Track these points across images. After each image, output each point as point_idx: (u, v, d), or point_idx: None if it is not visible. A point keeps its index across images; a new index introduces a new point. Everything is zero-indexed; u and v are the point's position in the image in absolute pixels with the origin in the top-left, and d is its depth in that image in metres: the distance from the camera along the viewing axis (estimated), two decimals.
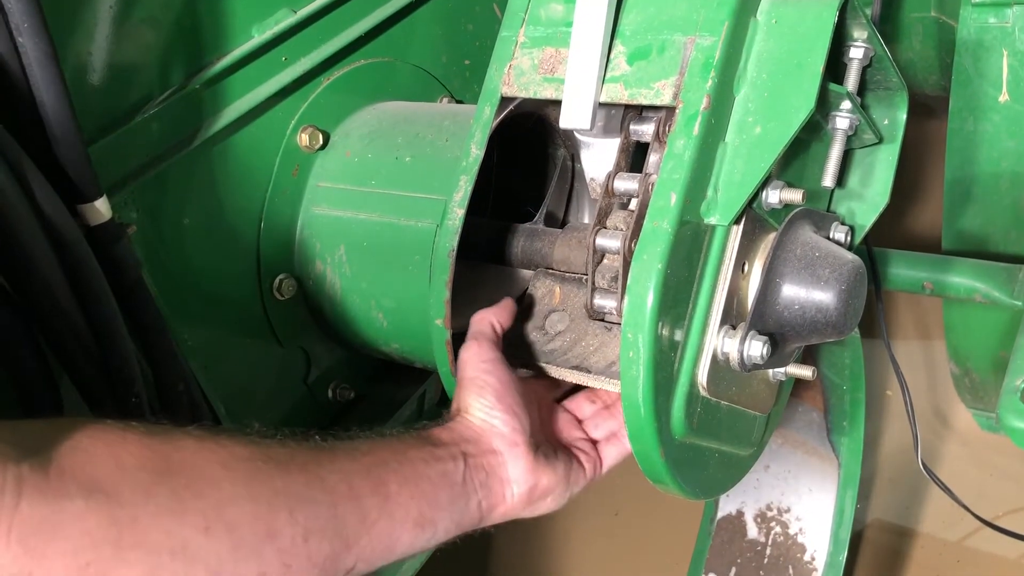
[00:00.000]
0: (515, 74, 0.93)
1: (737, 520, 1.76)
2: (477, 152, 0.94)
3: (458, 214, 0.93)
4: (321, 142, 1.18)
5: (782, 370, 0.96)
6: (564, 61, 0.89)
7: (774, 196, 0.87)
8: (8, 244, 0.78)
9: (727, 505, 1.77)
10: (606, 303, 0.92)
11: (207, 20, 1.07)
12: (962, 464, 2.06)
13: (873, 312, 1.37)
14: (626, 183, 0.89)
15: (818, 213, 0.99)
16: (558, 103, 0.89)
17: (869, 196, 1.07)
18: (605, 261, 0.92)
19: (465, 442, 0.86)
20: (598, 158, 1.01)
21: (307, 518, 0.72)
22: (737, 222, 0.86)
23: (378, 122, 1.21)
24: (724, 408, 0.92)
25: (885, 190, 1.06)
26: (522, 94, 0.93)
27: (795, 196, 0.87)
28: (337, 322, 1.19)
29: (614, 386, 0.92)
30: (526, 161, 1.12)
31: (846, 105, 0.93)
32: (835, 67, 0.94)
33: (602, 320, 0.96)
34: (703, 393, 0.87)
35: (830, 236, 0.99)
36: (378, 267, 1.13)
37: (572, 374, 0.95)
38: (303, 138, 1.16)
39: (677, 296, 0.82)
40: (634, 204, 0.91)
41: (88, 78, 0.96)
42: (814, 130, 0.95)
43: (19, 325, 0.83)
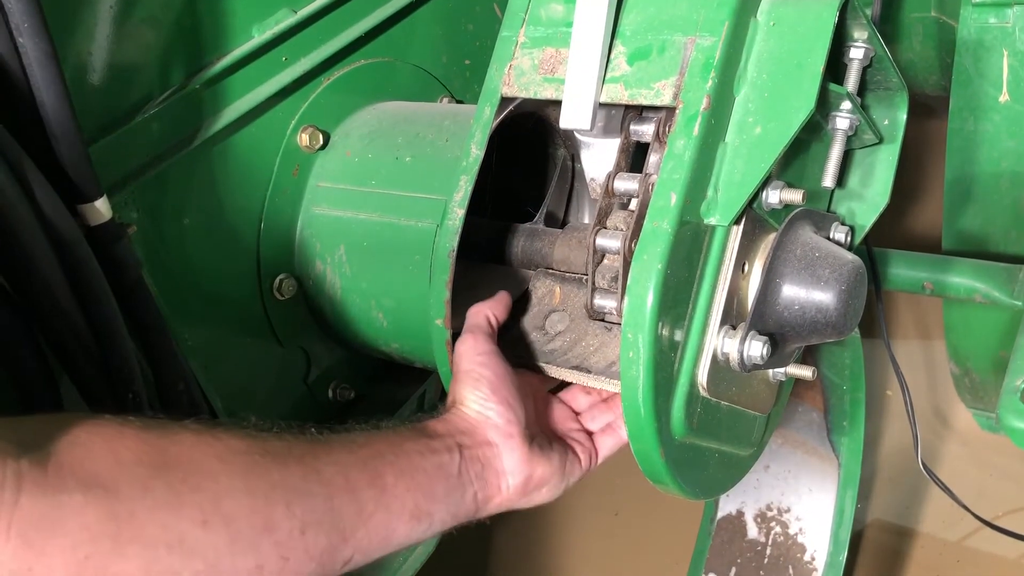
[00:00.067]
0: (515, 74, 0.93)
1: (737, 520, 1.76)
2: (477, 152, 0.94)
3: (458, 214, 0.93)
4: (321, 142, 1.18)
5: (782, 370, 0.96)
6: (564, 61, 0.89)
7: (774, 196, 0.87)
8: (8, 244, 0.78)
9: (727, 505, 1.77)
10: (606, 303, 0.92)
11: (207, 20, 1.06)
12: (962, 464, 2.06)
13: (873, 312, 1.37)
14: (626, 183, 0.90)
15: (818, 213, 0.99)
16: (558, 103, 0.89)
17: (869, 196, 1.07)
18: (605, 261, 0.92)
19: (460, 434, 0.86)
20: (598, 158, 1.01)
21: (304, 511, 0.73)
22: (737, 222, 0.86)
23: (378, 122, 1.21)
24: (724, 408, 0.92)
25: (885, 190, 1.06)
26: (522, 94, 0.93)
27: (795, 196, 0.87)
28: (337, 322, 1.19)
29: (614, 386, 0.92)
30: (526, 161, 1.12)
31: (846, 105, 0.93)
32: (835, 67, 0.94)
33: (602, 320, 0.96)
34: (703, 393, 0.87)
35: (830, 236, 0.99)
36: (378, 267, 1.13)
37: (572, 374, 0.95)
38: (303, 138, 1.16)
39: (677, 296, 0.82)
40: (634, 204, 0.91)
41: (88, 78, 0.96)
42: (814, 130, 0.95)
43: (19, 325, 0.83)
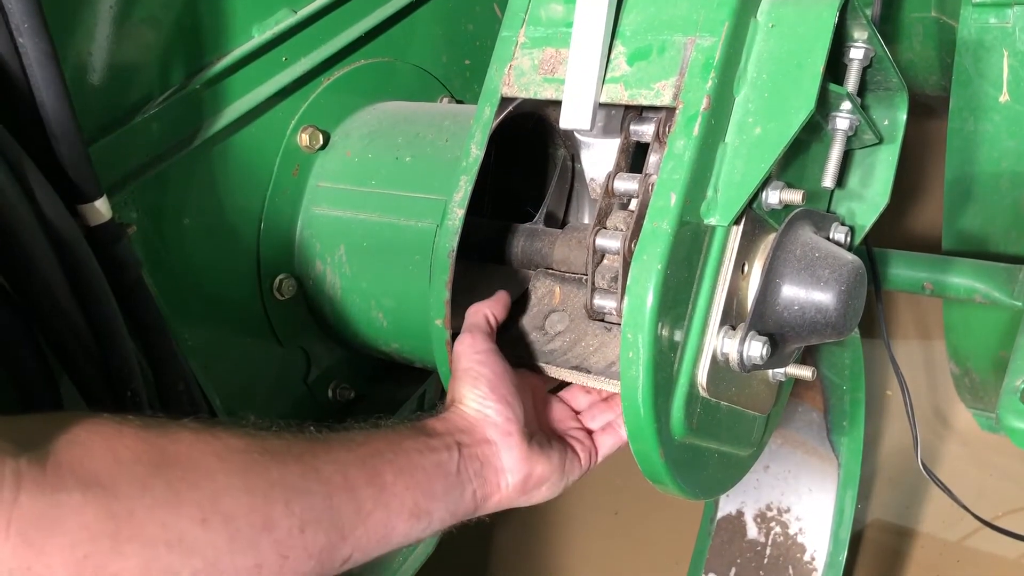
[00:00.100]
0: (515, 74, 0.93)
1: (737, 520, 1.76)
2: (477, 152, 0.94)
3: (458, 214, 0.93)
4: (321, 142, 1.18)
5: (782, 370, 0.96)
6: (564, 61, 0.89)
7: (774, 196, 0.87)
8: (8, 244, 0.78)
9: (727, 505, 1.77)
10: (606, 303, 0.92)
11: (207, 20, 1.06)
12: (962, 464, 2.06)
13: (873, 312, 1.37)
14: (626, 183, 0.89)
15: (818, 213, 0.99)
16: (558, 103, 0.89)
17: (869, 196, 1.07)
18: (605, 261, 0.92)
19: (459, 432, 0.86)
20: (598, 158, 1.01)
21: (303, 509, 0.73)
22: (737, 222, 0.86)
23: (378, 122, 1.21)
24: (724, 408, 0.92)
25: (885, 190, 1.06)
26: (522, 94, 0.93)
27: (795, 197, 0.87)
28: (337, 322, 1.19)
29: (614, 386, 0.92)
30: (526, 161, 1.12)
31: (846, 106, 0.93)
32: (835, 67, 0.94)
33: (602, 320, 0.96)
34: (703, 393, 0.87)
35: (830, 237, 0.99)
36: (378, 267, 1.13)
37: (572, 374, 0.95)
38: (303, 138, 1.16)
39: (677, 296, 0.82)
40: (634, 204, 0.91)
41: (88, 78, 0.96)
42: (814, 131, 0.95)
43: (19, 325, 0.83)
